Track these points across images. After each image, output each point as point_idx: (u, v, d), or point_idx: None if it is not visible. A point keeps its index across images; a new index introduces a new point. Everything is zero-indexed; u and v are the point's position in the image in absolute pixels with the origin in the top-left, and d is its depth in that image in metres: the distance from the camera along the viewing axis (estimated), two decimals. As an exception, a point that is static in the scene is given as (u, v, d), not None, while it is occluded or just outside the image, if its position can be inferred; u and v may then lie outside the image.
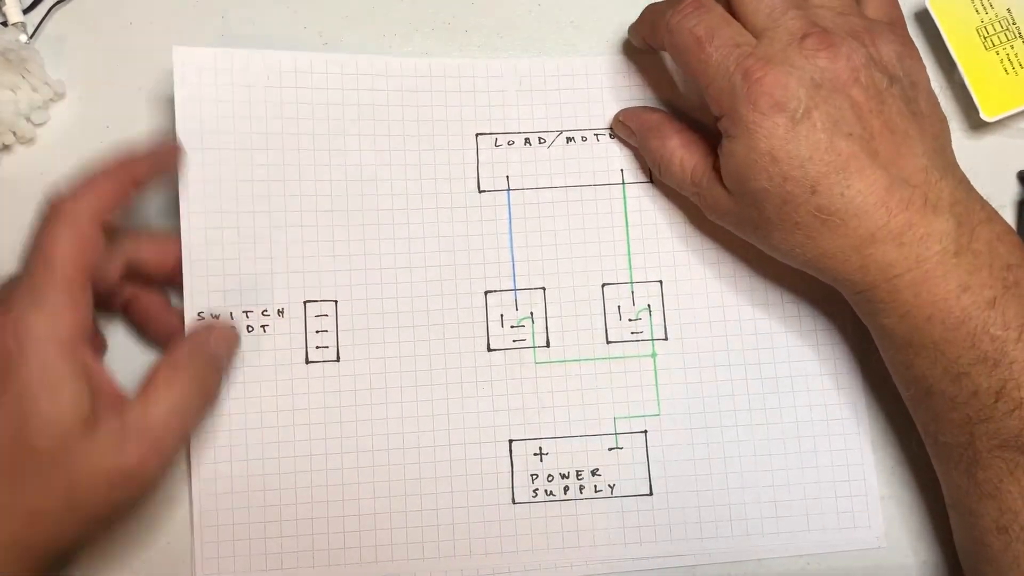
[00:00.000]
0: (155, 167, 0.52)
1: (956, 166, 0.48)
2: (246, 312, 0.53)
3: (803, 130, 0.45)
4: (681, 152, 0.52)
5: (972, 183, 0.56)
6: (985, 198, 0.48)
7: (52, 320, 0.44)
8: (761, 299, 0.56)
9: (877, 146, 0.45)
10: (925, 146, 0.46)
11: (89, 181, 0.48)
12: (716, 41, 0.47)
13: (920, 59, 0.49)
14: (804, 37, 0.46)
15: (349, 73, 0.56)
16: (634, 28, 0.56)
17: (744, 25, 0.48)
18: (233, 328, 0.52)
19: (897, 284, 0.46)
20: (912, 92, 0.47)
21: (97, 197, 0.48)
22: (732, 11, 0.49)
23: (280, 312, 0.54)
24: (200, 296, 0.53)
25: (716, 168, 0.50)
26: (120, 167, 0.49)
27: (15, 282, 0.46)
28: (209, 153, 0.54)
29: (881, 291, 0.47)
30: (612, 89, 0.58)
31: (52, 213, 0.47)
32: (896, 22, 0.50)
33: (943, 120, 0.49)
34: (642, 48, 0.56)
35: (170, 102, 0.56)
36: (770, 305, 0.56)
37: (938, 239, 0.45)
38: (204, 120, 0.54)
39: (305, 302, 0.54)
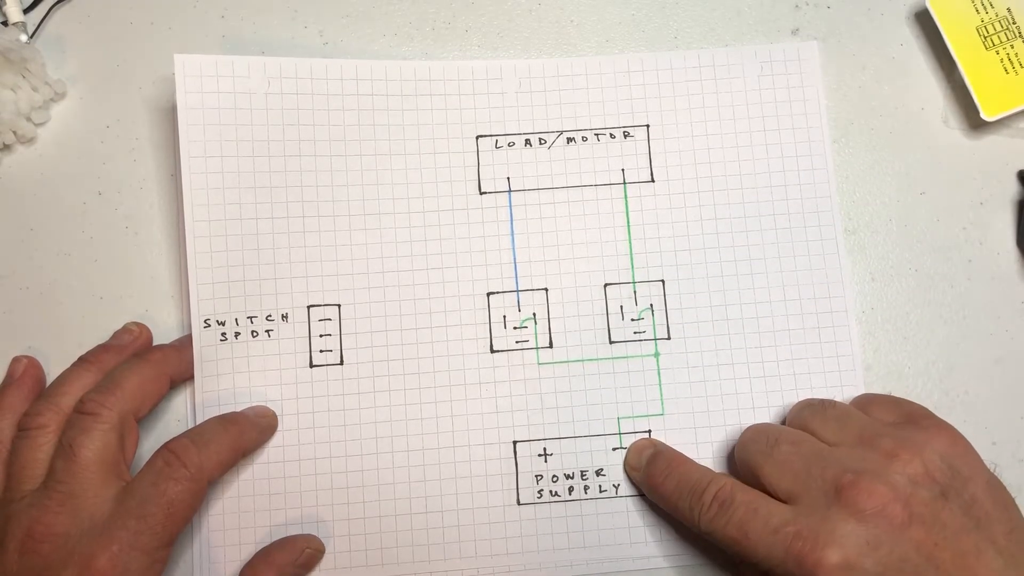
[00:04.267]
0: (188, 365, 0.54)
1: None
2: (250, 317, 0.54)
3: None
4: None
5: (972, 183, 0.57)
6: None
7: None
8: (763, 297, 0.56)
9: None
10: (1003, 555, 0.43)
11: (124, 382, 0.50)
12: (752, 535, 0.45)
13: (963, 441, 0.47)
14: (839, 490, 0.44)
15: (349, 78, 0.56)
16: (629, 469, 0.55)
17: (774, 493, 0.47)
18: None
19: None
20: (968, 492, 0.45)
21: (131, 398, 0.50)
22: (756, 477, 0.48)
23: (284, 317, 0.54)
24: (205, 303, 0.53)
25: None
26: (155, 364, 0.52)
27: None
28: (212, 161, 0.54)
29: None
30: (612, 89, 0.58)
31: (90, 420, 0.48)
32: (916, 416, 0.49)
33: (1009, 505, 0.46)
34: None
35: (170, 101, 0.57)
36: (772, 303, 0.56)
37: None
38: (207, 127, 0.54)
39: (309, 307, 0.54)
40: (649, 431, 0.54)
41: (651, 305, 0.56)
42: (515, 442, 0.54)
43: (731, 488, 0.47)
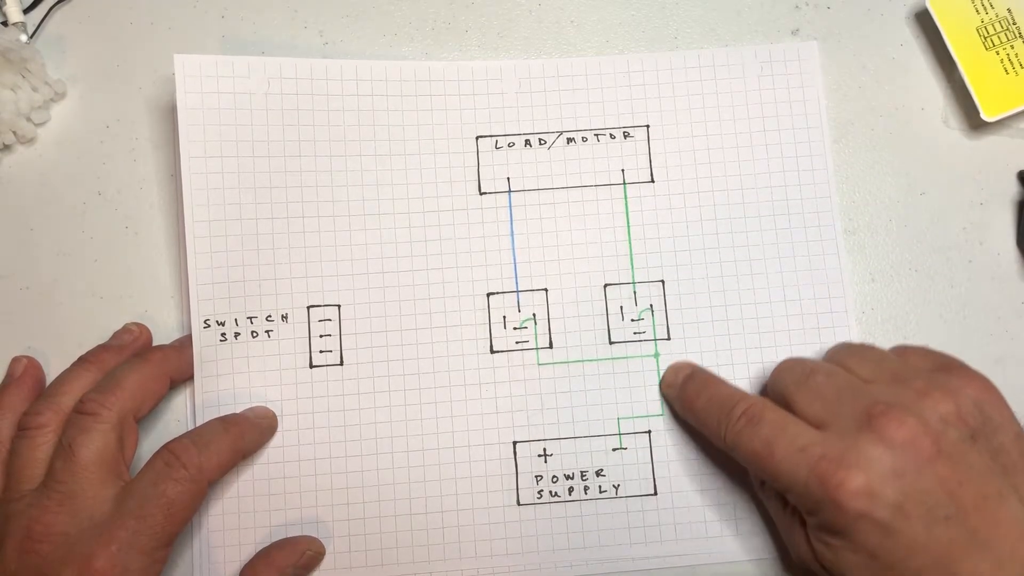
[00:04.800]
0: (188, 365, 0.54)
1: None
2: (250, 318, 0.54)
3: (898, 526, 0.42)
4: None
5: (972, 183, 0.57)
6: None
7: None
8: (763, 297, 0.56)
9: (975, 523, 0.42)
10: None
11: (124, 382, 0.50)
12: (778, 452, 0.45)
13: (996, 391, 0.46)
14: (870, 418, 0.44)
15: (349, 79, 0.56)
16: (664, 387, 0.55)
17: (805, 420, 0.46)
18: None
19: None
20: (998, 439, 0.45)
21: (131, 398, 0.50)
22: (788, 405, 0.48)
23: (284, 317, 0.54)
24: (205, 303, 0.53)
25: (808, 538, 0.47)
26: (155, 364, 0.52)
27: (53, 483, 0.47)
28: (212, 161, 0.54)
29: None
30: (612, 89, 0.58)
31: (90, 420, 0.48)
32: (951, 365, 0.48)
33: None
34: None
35: (170, 101, 0.57)
36: (772, 303, 0.56)
37: None
38: (207, 127, 0.54)
39: (308, 307, 0.54)
40: (649, 431, 0.54)
41: (651, 305, 0.56)
42: (515, 442, 0.54)
43: (761, 406, 0.48)
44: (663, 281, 0.56)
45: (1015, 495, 0.43)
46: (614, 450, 0.54)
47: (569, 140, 0.57)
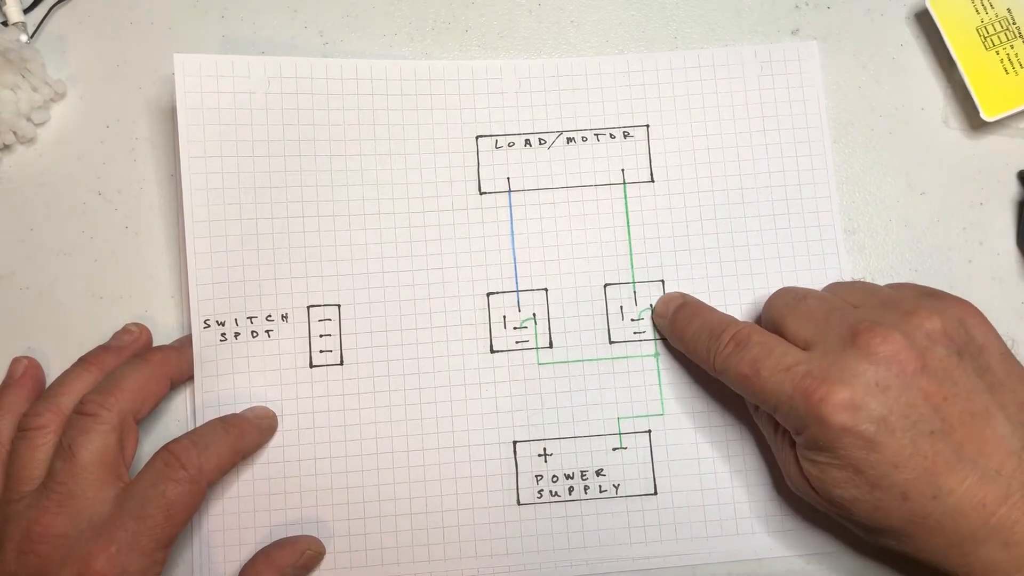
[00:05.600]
0: (188, 365, 0.54)
1: None
2: (250, 318, 0.54)
3: (882, 439, 0.42)
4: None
5: (972, 183, 0.57)
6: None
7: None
8: (763, 296, 0.55)
9: (960, 438, 0.43)
10: (1012, 422, 0.44)
11: (124, 383, 0.50)
12: (764, 372, 0.46)
13: (980, 314, 0.47)
14: (855, 335, 0.44)
15: (349, 78, 0.56)
16: (656, 317, 0.56)
17: (794, 342, 0.47)
18: None
19: None
20: (983, 359, 0.45)
21: (131, 399, 0.50)
22: (779, 330, 0.48)
23: (284, 317, 0.54)
24: (205, 303, 0.53)
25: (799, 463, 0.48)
26: (155, 365, 0.52)
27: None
28: (212, 161, 0.54)
29: None
30: (612, 89, 0.58)
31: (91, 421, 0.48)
32: (938, 292, 0.49)
33: (1023, 379, 0.46)
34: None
35: (170, 101, 0.57)
36: (771, 303, 0.56)
37: None
38: (206, 127, 0.54)
39: (309, 307, 0.54)
40: (649, 431, 0.54)
41: (651, 305, 0.56)
42: (515, 442, 0.54)
43: (749, 330, 0.48)
44: (663, 281, 0.56)
45: (1002, 413, 0.44)
46: (614, 450, 0.54)
47: (569, 140, 0.57)
